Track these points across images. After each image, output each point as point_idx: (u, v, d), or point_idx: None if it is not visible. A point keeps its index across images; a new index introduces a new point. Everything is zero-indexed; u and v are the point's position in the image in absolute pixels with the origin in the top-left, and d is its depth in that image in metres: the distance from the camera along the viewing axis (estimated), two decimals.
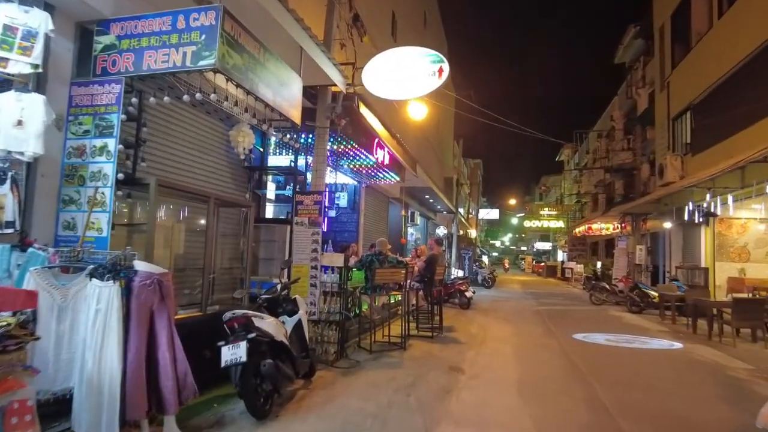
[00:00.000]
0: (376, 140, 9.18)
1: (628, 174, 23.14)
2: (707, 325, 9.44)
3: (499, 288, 22.80)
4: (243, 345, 3.94)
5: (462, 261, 23.55)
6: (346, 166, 9.39)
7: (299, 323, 5.10)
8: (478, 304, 14.21)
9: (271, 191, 8.34)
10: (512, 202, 46.02)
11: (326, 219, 12.71)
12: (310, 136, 7.28)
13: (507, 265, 56.16)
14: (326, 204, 12.94)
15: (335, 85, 6.93)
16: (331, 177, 11.77)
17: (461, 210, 34.71)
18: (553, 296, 19.41)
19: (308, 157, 7.70)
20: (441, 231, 24.21)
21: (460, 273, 19.58)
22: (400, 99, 7.27)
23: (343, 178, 11.76)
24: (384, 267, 7.09)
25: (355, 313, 7.56)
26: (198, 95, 4.14)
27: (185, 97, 4.21)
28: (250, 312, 4.26)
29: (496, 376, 6.06)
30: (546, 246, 53.66)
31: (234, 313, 4.19)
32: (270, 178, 8.32)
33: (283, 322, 5.05)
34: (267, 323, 4.32)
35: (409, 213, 18.40)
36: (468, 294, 12.88)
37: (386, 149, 9.92)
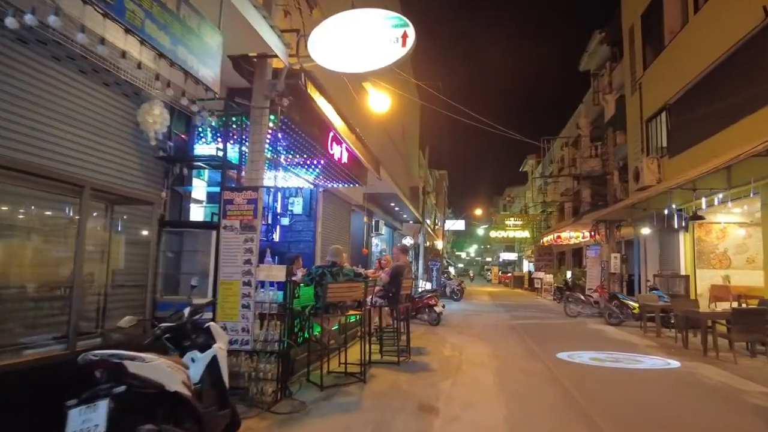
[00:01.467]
0: (332, 133, 7.88)
1: (598, 181, 22.72)
2: (701, 339, 8.51)
3: (468, 300, 21.73)
4: (102, 406, 2.53)
5: (430, 272, 22.38)
6: (295, 163, 8.02)
7: (214, 361, 3.70)
8: (449, 320, 13.00)
9: (201, 189, 6.91)
10: (478, 212, 45.35)
11: (277, 227, 11.33)
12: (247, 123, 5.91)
13: (472, 275, 55.72)
14: (279, 210, 11.55)
15: (276, 56, 5.61)
16: (284, 180, 10.41)
17: (428, 221, 33.76)
18: (525, 308, 18.42)
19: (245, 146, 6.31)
20: (408, 241, 23.03)
21: (428, 285, 18.38)
22: (356, 72, 6.02)
23: (297, 182, 10.39)
24: (338, 281, 5.76)
25: (303, 338, 6.18)
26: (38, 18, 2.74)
27: (8, 20, 2.79)
28: (122, 352, 2.84)
29: (478, 418, 4.78)
30: (512, 256, 53.39)
31: (95, 355, 2.77)
32: (204, 174, 6.91)
33: (193, 360, 3.64)
34: (151, 367, 2.91)
35: (374, 222, 17.14)
36: (438, 309, 11.65)
37: (344, 145, 8.63)
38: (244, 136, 5.95)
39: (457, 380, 6.27)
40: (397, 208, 18.66)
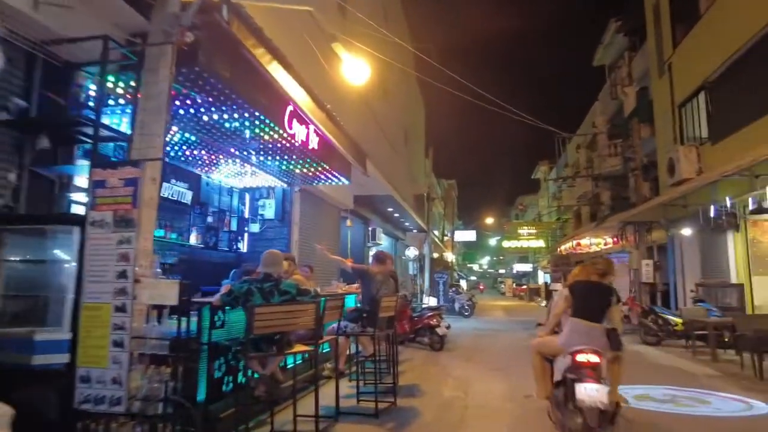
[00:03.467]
0: (290, 107, 6.06)
1: (619, 182, 20.78)
2: None
3: (479, 316, 19.61)
4: None
5: (436, 286, 20.35)
6: (236, 143, 6.18)
7: None
8: (455, 341, 11.00)
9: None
10: (489, 220, 43.15)
11: (245, 235, 9.51)
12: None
13: (482, 287, 53.46)
14: (246, 215, 9.72)
15: None
16: (251, 179, 8.62)
17: (435, 231, 31.79)
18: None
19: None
20: (411, 252, 21.09)
21: (433, 301, 16.37)
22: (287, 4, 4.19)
23: (265, 179, 8.59)
24: (273, 302, 3.88)
25: (236, 384, 4.29)
26: None
27: None
28: None
29: None
30: (526, 267, 51.04)
31: None
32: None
33: None
34: None
35: (370, 230, 15.26)
36: (441, 330, 9.66)
37: (312, 127, 6.81)
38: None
39: None
40: (396, 215, 16.78)
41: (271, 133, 5.84)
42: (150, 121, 3.80)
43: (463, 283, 35.84)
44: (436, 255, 30.11)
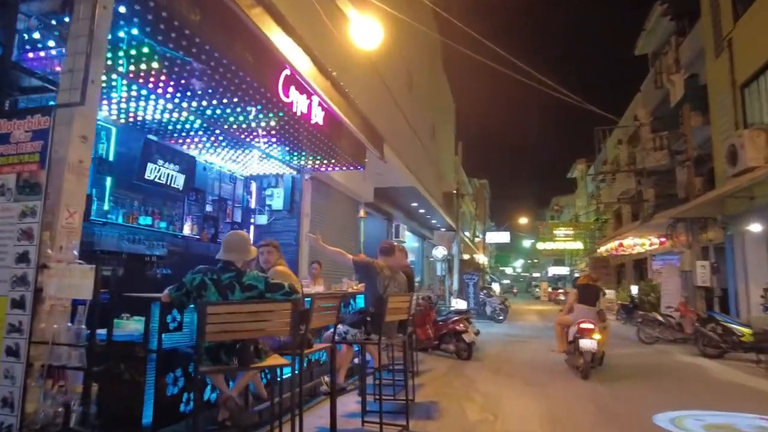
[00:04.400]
0: (286, 71, 5.14)
1: (665, 178, 19.22)
2: None
3: (512, 321, 18.27)
4: None
5: (465, 289, 19.12)
6: (221, 107, 5.26)
7: None
8: (485, 349, 9.88)
9: None
10: (523, 221, 41.34)
11: (251, 227, 8.68)
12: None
13: (515, 290, 51.92)
14: (253, 205, 8.89)
15: None
16: (258, 165, 7.78)
17: (466, 233, 30.53)
18: None
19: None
20: (439, 252, 19.96)
21: (461, 304, 15.21)
22: None
23: (272, 166, 7.75)
24: (232, 299, 2.95)
25: (198, 403, 3.37)
26: None
27: None
28: None
29: None
30: (562, 271, 48.94)
31: None
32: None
33: None
34: None
35: (393, 227, 14.28)
36: (468, 337, 8.56)
37: (316, 99, 5.89)
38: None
39: None
40: (422, 211, 15.71)
41: (262, 100, 4.93)
42: (81, 51, 2.92)
43: (496, 287, 34.32)
44: (466, 256, 28.85)
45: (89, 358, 2.58)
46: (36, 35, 3.25)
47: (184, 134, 5.93)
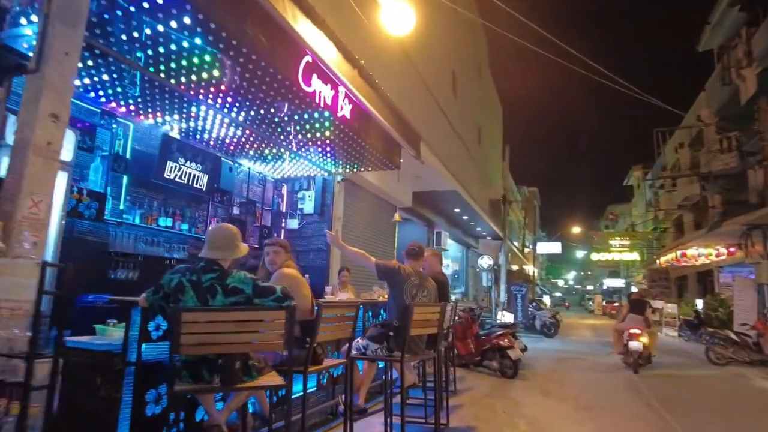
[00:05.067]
0: (307, 58, 4.72)
1: (733, 182, 17.58)
2: None
3: (563, 336, 17.09)
4: None
5: (513, 301, 18.12)
6: (223, 94, 4.88)
7: None
8: (532, 367, 9.05)
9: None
10: (576, 230, 39.34)
11: (282, 231, 8.33)
12: None
13: (567, 304, 49.76)
14: (284, 209, 8.55)
15: None
16: (289, 167, 7.44)
17: (515, 243, 29.35)
18: None
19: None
20: (485, 262, 19.08)
21: (508, 317, 14.31)
22: None
23: (303, 168, 7.38)
24: (212, 304, 2.49)
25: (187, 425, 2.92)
26: None
27: None
28: None
29: None
30: (617, 283, 46.35)
31: None
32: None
33: None
34: None
35: (435, 234, 13.66)
36: (514, 354, 7.80)
37: (343, 90, 5.44)
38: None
39: None
40: (466, 217, 14.99)
41: (280, 88, 4.52)
42: (55, 34, 2.57)
43: (547, 299, 32.71)
44: (514, 267, 27.66)
45: (56, 370, 2.18)
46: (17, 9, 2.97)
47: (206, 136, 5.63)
